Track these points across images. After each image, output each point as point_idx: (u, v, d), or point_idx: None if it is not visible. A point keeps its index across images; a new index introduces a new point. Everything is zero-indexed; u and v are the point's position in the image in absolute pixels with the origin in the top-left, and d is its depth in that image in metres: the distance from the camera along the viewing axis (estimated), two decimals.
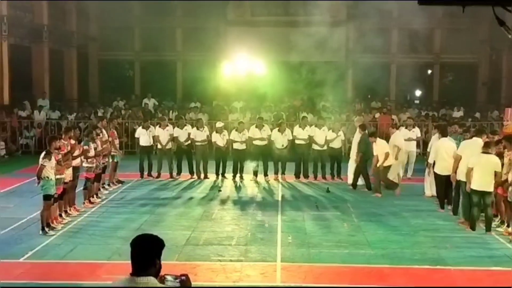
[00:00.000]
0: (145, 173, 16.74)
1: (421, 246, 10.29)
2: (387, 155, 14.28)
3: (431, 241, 10.63)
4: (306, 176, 16.70)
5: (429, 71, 30.23)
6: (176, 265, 8.50)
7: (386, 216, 12.57)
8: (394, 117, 21.95)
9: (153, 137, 16.80)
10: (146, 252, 3.89)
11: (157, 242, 3.95)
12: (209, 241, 10.50)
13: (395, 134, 15.41)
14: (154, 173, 16.85)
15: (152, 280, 3.85)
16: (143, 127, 17.03)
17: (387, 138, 15.79)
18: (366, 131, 15.41)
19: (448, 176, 12.33)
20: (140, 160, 16.79)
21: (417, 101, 29.41)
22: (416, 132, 17.23)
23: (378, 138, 14.80)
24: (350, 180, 15.59)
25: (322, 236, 10.94)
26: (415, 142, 17.18)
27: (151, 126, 17.04)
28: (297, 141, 16.67)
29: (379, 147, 14.40)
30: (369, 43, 27.42)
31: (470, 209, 11.34)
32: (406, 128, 17.04)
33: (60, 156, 11.28)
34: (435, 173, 13.06)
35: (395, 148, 14.88)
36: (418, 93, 30.57)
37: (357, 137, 15.51)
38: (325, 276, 8.76)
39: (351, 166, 15.56)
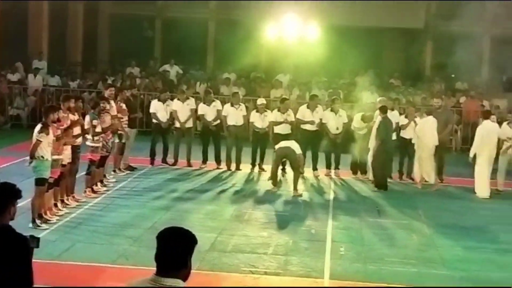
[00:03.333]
0: (158, 158, 16.93)
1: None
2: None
3: None
4: (364, 172, 16.61)
5: None
6: (197, 274, 8.55)
7: (468, 228, 12.47)
8: (485, 102, 21.62)
9: (171, 112, 16.98)
10: (178, 248, 3.95)
11: (191, 238, 4.01)
12: (239, 248, 10.57)
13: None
14: (170, 159, 17.04)
15: (182, 284, 3.90)
16: (159, 100, 17.22)
17: (474, 127, 15.62)
18: (387, 115, 15.40)
19: None
20: (152, 142, 16.99)
21: None
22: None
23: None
24: (371, 176, 15.83)
25: (384, 249, 10.91)
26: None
27: (169, 99, 17.22)
28: (354, 126, 16.53)
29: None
30: (457, 7, 26.96)
31: None
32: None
33: (59, 131, 11.46)
34: None
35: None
36: None
37: (378, 122, 15.54)
38: None
39: (370, 159, 15.69)
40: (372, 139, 15.56)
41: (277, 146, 14.87)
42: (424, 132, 15.53)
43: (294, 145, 14.58)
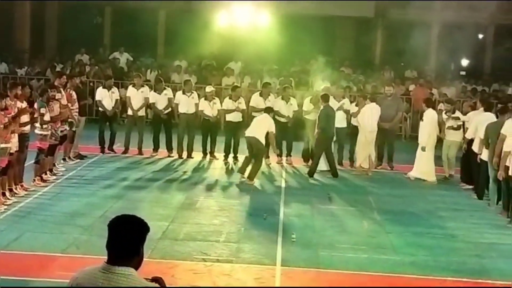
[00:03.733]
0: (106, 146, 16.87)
1: (459, 254, 10.37)
2: None
3: (472, 248, 10.71)
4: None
5: (480, 35, 30.10)
6: (149, 263, 8.48)
7: (417, 214, 12.67)
8: (434, 91, 21.96)
9: (117, 100, 16.85)
10: (130, 236, 3.92)
11: (143, 225, 3.97)
12: (191, 236, 10.56)
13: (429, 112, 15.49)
14: (118, 147, 16.92)
15: (134, 273, 3.87)
16: (104, 87, 17.18)
17: (422, 115, 15.85)
18: (329, 103, 15.56)
19: None
20: (99, 130, 16.92)
21: (463, 73, 29.34)
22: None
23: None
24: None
25: (335, 236, 11.00)
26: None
27: (114, 86, 17.17)
28: (305, 116, 16.59)
29: None
30: None
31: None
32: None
33: (6, 119, 11.27)
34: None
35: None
36: (465, 62, 30.48)
37: (319, 110, 15.72)
38: (336, 285, 8.81)
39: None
40: (315, 127, 15.69)
41: (246, 133, 14.85)
42: (363, 118, 15.76)
43: (261, 129, 14.57)
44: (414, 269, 9.53)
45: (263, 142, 14.65)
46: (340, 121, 16.21)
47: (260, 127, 14.62)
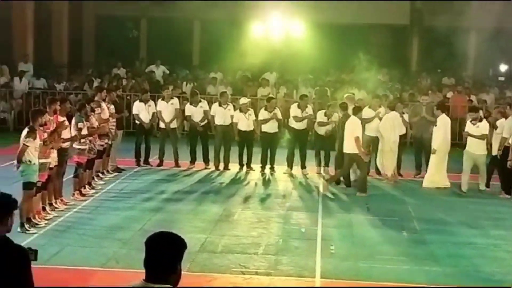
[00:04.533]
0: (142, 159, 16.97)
1: (502, 264, 10.21)
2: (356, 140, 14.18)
3: None
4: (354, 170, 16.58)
5: None
6: (187, 276, 8.49)
7: (457, 224, 12.50)
8: (473, 97, 21.70)
9: (154, 113, 16.94)
10: (167, 254, 3.92)
11: (180, 243, 3.98)
12: (229, 248, 10.54)
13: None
14: (154, 160, 17.00)
15: None
16: (141, 100, 17.23)
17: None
18: (347, 112, 15.35)
19: None
20: (136, 143, 16.97)
21: (501, 78, 28.98)
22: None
23: (353, 116, 14.61)
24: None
25: (374, 246, 10.90)
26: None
27: (150, 99, 17.25)
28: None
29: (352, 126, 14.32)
30: (440, 1, 27.03)
31: None
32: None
33: (46, 134, 11.40)
34: None
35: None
36: (503, 68, 30.11)
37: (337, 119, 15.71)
38: None
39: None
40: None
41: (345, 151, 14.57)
42: (386, 128, 15.60)
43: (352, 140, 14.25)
44: (455, 280, 9.39)
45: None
46: (375, 131, 16.08)
47: (351, 138, 14.36)
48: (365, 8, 26.93)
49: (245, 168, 16.79)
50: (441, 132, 15.22)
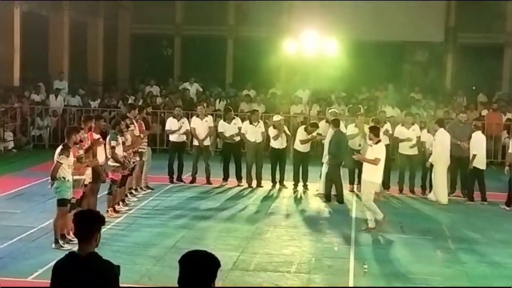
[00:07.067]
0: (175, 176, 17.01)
1: None
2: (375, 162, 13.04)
3: None
4: (387, 187, 16.51)
5: None
6: None
7: (492, 243, 12.34)
8: (509, 115, 21.45)
9: (186, 130, 17.01)
10: (202, 273, 3.94)
11: (214, 261, 4.01)
12: (262, 266, 10.53)
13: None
14: (187, 177, 17.06)
15: None
16: (174, 117, 17.28)
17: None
18: (340, 128, 15.41)
19: None
20: (169, 160, 17.05)
21: None
22: None
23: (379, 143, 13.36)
24: (321, 189, 15.80)
25: (408, 266, 10.82)
26: None
27: (183, 116, 17.31)
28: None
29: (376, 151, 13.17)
30: (475, 19, 26.87)
31: None
32: None
33: (80, 152, 11.51)
34: None
35: None
36: None
37: (329, 135, 15.56)
38: None
39: (323, 171, 15.71)
40: (324, 153, 15.68)
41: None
42: (443, 147, 15.43)
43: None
44: None
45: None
46: (411, 148, 16.01)
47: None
48: (399, 26, 26.84)
49: (277, 185, 16.78)
50: (438, 147, 15.22)
